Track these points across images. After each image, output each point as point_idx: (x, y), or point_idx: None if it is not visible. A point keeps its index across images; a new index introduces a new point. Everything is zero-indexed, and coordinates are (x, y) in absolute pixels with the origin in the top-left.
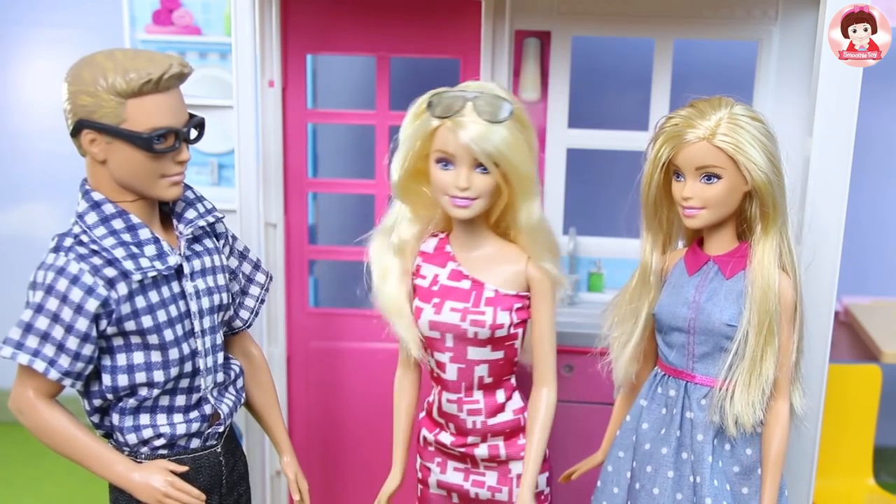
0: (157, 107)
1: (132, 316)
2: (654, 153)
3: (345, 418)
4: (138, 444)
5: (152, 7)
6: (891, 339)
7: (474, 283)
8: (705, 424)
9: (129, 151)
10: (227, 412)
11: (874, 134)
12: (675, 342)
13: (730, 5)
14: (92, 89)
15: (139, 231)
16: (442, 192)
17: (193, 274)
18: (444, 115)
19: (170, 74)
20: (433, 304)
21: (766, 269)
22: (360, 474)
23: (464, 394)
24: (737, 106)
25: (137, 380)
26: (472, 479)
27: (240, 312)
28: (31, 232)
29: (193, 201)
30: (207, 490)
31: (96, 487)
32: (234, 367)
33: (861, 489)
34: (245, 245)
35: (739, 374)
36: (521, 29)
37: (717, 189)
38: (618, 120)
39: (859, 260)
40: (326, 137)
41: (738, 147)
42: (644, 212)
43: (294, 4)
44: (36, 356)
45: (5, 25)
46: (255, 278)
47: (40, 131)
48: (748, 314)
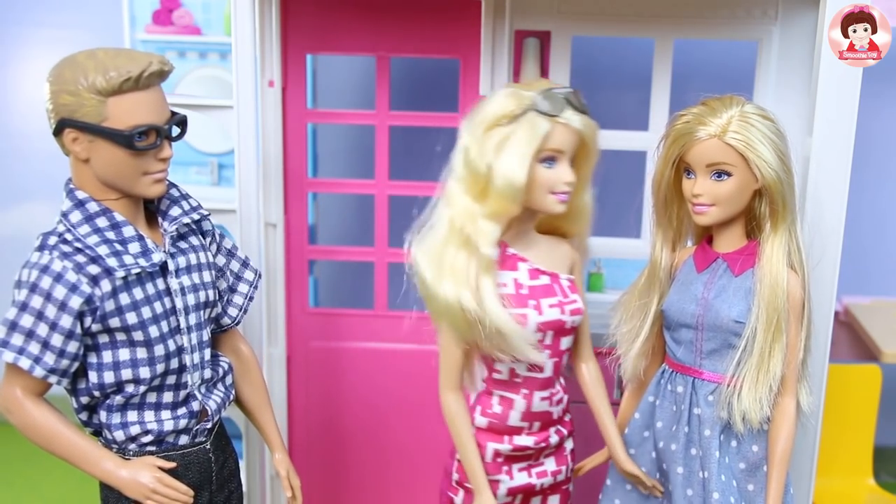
0: (137, 104)
1: (116, 313)
2: (666, 150)
3: (345, 418)
4: (126, 440)
5: (152, 7)
6: (891, 339)
7: (552, 277)
8: (712, 420)
9: (110, 149)
10: (214, 408)
11: (874, 134)
12: (683, 339)
13: (730, 5)
14: (73, 88)
15: (123, 229)
16: (547, 191)
17: (178, 271)
18: (554, 112)
19: (150, 72)
20: (532, 306)
21: (775, 266)
22: (360, 474)
23: (554, 387)
24: (748, 104)
25: (123, 377)
26: (535, 473)
27: (228, 310)
28: (31, 232)
29: (178, 199)
30: (197, 486)
31: (95, 487)
32: (222, 363)
33: (861, 489)
34: (233, 243)
35: (747, 371)
36: (521, 29)
37: (728, 186)
38: (618, 120)
39: (859, 260)
40: (326, 137)
41: (748, 144)
42: (655, 209)
43: (294, 4)
44: (21, 354)
45: (5, 25)
46: (243, 276)
47: (40, 131)
48: (757, 311)
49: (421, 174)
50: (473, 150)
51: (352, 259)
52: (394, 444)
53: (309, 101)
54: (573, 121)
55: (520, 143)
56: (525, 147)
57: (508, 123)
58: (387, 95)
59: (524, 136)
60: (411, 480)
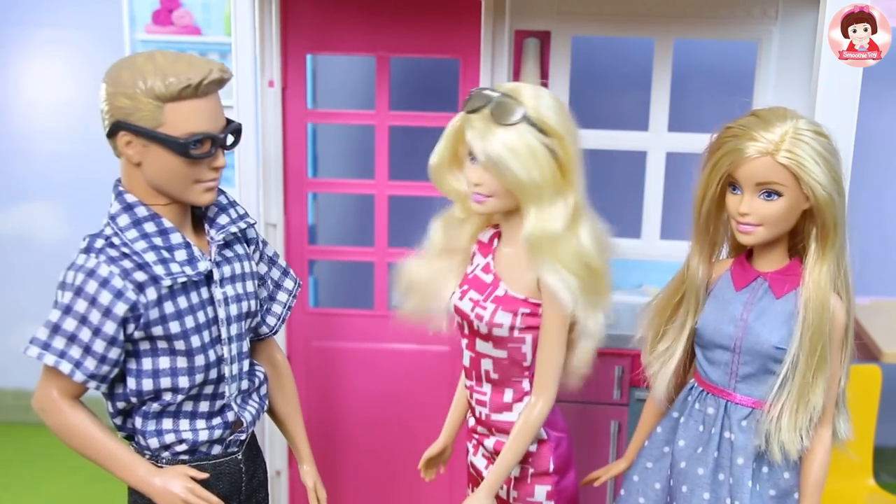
0: (194, 112)
1: (160, 321)
2: (712, 165)
3: (344, 418)
4: (160, 448)
5: (152, 7)
6: (891, 339)
7: (495, 279)
8: (747, 448)
9: (164, 155)
10: (249, 420)
11: (874, 134)
12: (718, 360)
13: (730, 5)
14: (130, 91)
15: (171, 235)
16: (467, 186)
17: (223, 280)
18: (465, 110)
19: (209, 80)
20: (462, 289)
21: (822, 292)
22: (359, 473)
23: (475, 382)
24: (801, 119)
25: (162, 384)
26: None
27: (267, 319)
28: (31, 232)
29: (226, 206)
30: (226, 497)
31: (95, 487)
32: (258, 373)
33: (861, 489)
34: (275, 251)
35: (787, 400)
36: (521, 29)
37: (777, 206)
38: (618, 120)
39: (859, 260)
40: (326, 137)
41: (801, 164)
42: (696, 223)
43: (294, 4)
44: (62, 357)
45: (5, 25)
46: (283, 284)
47: (40, 131)
48: (800, 338)
49: (421, 174)
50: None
51: (352, 259)
52: (393, 443)
53: (309, 101)
54: (469, 124)
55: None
56: (445, 133)
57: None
58: (387, 95)
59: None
60: (411, 480)
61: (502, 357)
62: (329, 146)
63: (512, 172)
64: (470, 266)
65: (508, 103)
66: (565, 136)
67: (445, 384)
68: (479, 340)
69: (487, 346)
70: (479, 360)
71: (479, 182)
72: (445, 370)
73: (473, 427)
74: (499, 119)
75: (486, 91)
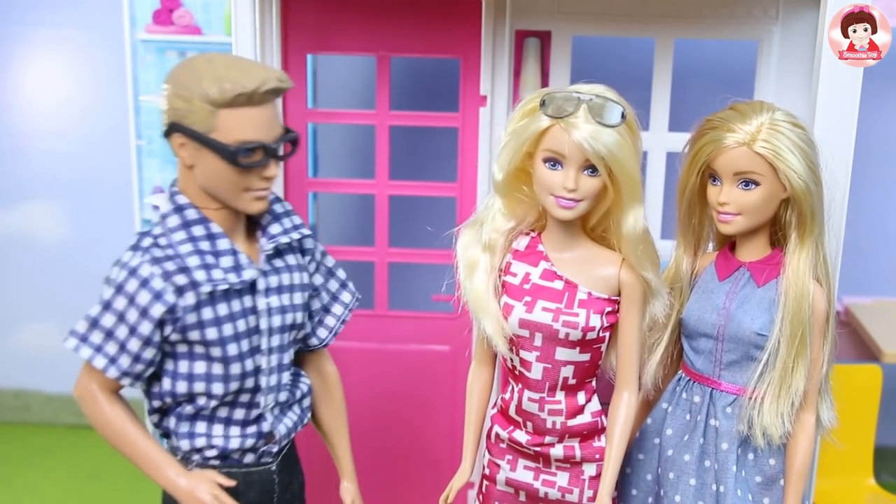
0: (247, 120)
1: (197, 326)
2: (692, 156)
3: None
4: (190, 451)
5: (152, 7)
6: (891, 339)
7: (567, 284)
8: (731, 434)
9: (214, 161)
10: (284, 433)
11: (874, 134)
12: (702, 348)
13: (730, 5)
14: (186, 94)
15: (218, 241)
16: (547, 192)
17: (268, 290)
18: (557, 115)
19: (265, 89)
20: (525, 302)
21: (801, 279)
22: (359, 474)
23: (546, 393)
24: (778, 111)
25: (196, 389)
26: (543, 479)
27: (317, 331)
28: (31, 232)
29: (281, 216)
30: None
31: (95, 487)
32: (301, 385)
33: (861, 489)
34: (335, 262)
35: (769, 385)
36: (522, 29)
37: (755, 196)
38: None
39: (859, 260)
40: (326, 137)
41: (778, 154)
42: (679, 215)
43: (294, 4)
44: (98, 352)
45: (5, 25)
46: (340, 297)
47: (40, 131)
48: (780, 324)
49: (421, 174)
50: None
51: (352, 259)
52: (394, 443)
53: (309, 101)
54: (574, 127)
55: (513, 138)
56: (515, 142)
57: (519, 120)
58: (387, 95)
59: (519, 131)
60: (411, 480)
61: (585, 360)
62: (329, 146)
63: (626, 171)
64: (511, 277)
65: (608, 104)
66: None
67: (446, 384)
68: (562, 349)
69: (572, 353)
70: (558, 368)
71: (573, 187)
72: (446, 370)
73: (528, 441)
74: (605, 120)
75: (570, 93)
